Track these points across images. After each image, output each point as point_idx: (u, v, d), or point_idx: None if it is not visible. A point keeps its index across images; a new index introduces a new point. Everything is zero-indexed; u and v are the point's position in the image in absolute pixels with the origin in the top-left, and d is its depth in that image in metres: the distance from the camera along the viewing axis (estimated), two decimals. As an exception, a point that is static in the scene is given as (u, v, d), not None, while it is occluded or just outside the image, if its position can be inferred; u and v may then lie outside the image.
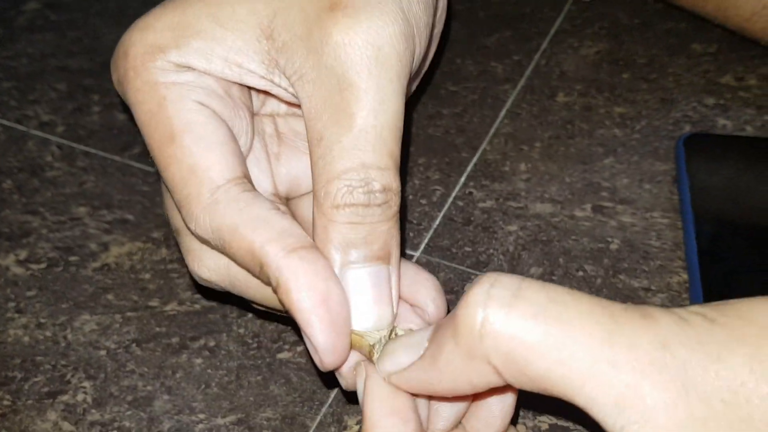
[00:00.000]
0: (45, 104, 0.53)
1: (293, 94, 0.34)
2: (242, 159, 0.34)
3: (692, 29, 0.54)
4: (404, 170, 0.47)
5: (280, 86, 0.34)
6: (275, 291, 0.32)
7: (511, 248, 0.44)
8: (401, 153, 0.34)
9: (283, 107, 0.38)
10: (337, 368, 0.33)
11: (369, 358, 0.32)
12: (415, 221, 0.46)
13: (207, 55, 0.34)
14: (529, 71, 0.52)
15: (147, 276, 0.44)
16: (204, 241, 0.34)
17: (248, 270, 0.33)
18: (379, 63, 0.32)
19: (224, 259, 0.34)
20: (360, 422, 0.38)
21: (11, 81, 0.54)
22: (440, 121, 0.50)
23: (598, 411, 0.26)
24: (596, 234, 0.44)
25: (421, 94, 0.51)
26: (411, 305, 0.34)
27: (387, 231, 0.32)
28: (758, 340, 0.26)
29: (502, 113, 0.50)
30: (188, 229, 0.34)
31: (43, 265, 0.45)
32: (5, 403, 0.39)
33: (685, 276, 0.42)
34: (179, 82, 0.34)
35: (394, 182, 0.33)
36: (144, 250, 0.45)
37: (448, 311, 0.35)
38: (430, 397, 0.32)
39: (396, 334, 0.32)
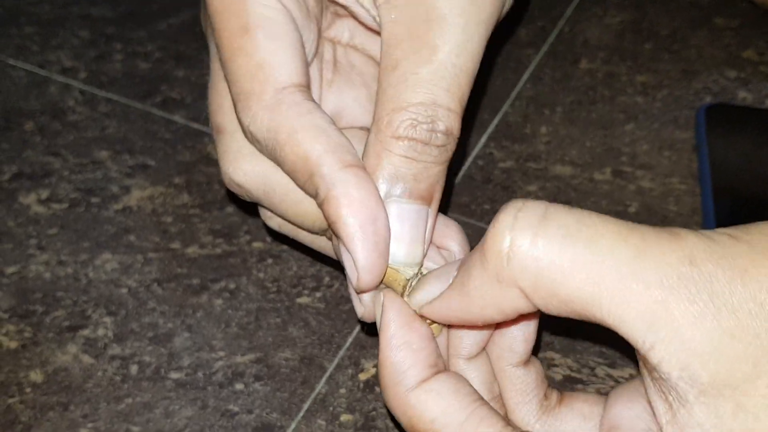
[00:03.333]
0: (67, 50, 0.53)
1: (374, 18, 0.34)
2: (308, 68, 0.34)
3: (715, 4, 0.54)
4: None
5: (362, 5, 0.34)
6: (320, 204, 0.31)
7: (530, 207, 0.44)
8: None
9: (346, 35, 0.38)
10: (370, 290, 0.33)
11: (401, 293, 0.32)
12: (435, 178, 0.46)
13: None
14: (553, 37, 0.52)
15: (168, 219, 0.44)
16: (254, 140, 0.33)
17: (294, 177, 0.32)
18: (472, 1, 0.32)
19: (263, 166, 0.33)
20: (377, 365, 0.39)
21: (33, 26, 0.54)
22: (462, 83, 0.50)
23: (627, 329, 0.27)
24: (615, 197, 0.45)
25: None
26: (437, 247, 0.35)
27: (437, 174, 0.33)
28: None
29: (525, 77, 0.50)
30: (241, 125, 0.33)
31: (65, 205, 0.45)
32: (26, 335, 0.40)
33: (702, 241, 0.43)
34: None
35: (456, 128, 0.33)
36: (166, 194, 0.45)
37: None
38: (461, 327, 0.32)
39: (421, 274, 0.33)
